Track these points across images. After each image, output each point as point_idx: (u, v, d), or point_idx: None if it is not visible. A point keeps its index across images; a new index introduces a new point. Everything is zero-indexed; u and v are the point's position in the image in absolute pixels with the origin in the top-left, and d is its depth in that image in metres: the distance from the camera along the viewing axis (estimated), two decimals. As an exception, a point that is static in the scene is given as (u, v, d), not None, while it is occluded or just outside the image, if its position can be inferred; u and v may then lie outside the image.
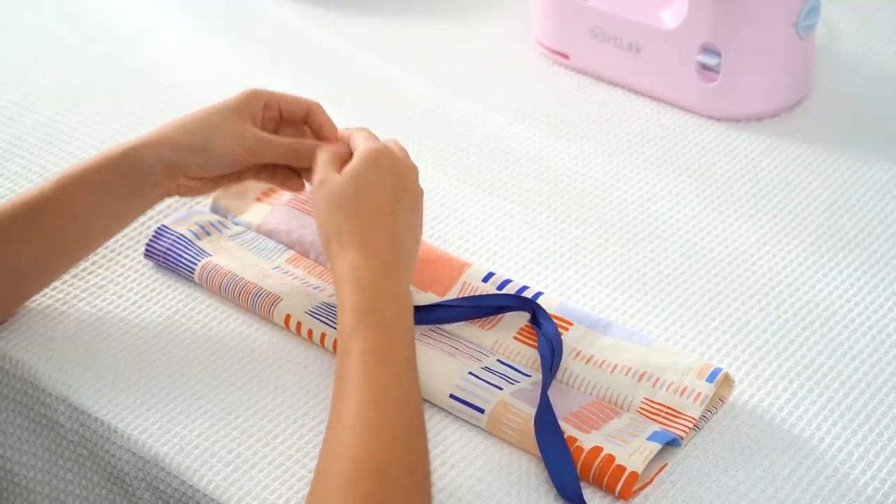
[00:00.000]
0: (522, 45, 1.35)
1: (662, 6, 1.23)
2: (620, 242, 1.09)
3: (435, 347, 0.95)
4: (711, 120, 1.23)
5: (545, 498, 0.86)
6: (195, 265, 1.03)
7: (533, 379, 0.93)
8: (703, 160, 1.19)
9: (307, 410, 0.92)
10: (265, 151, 0.98)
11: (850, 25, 1.37)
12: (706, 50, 1.20)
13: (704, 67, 1.21)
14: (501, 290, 0.99)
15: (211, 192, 1.04)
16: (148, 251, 1.06)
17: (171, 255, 1.04)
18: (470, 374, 0.92)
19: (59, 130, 1.23)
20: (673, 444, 0.88)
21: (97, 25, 1.42)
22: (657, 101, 1.26)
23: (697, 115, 1.24)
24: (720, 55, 1.19)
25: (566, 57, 1.31)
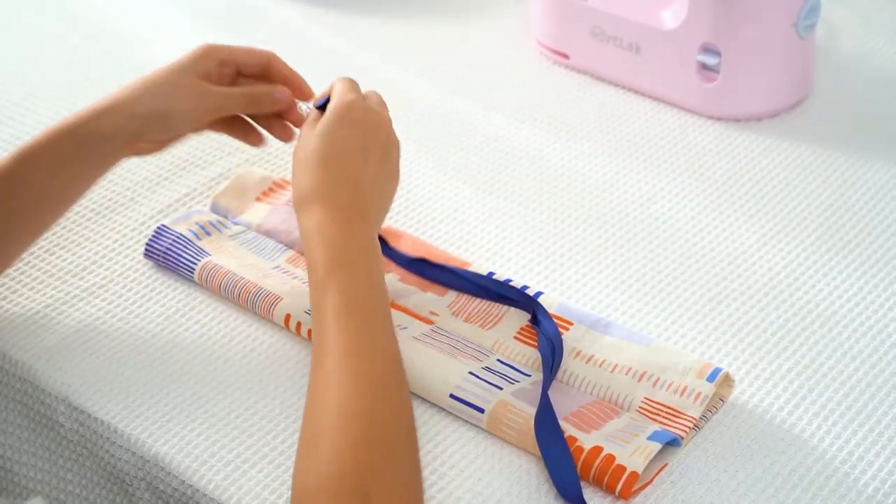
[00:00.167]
0: (522, 45, 1.35)
1: (662, 6, 1.23)
2: (620, 242, 1.09)
3: (435, 348, 0.95)
4: (711, 120, 1.23)
5: (545, 498, 0.86)
6: (195, 265, 1.03)
7: (533, 379, 0.93)
8: (703, 160, 1.19)
9: (307, 410, 0.93)
10: (224, 106, 0.99)
11: (850, 25, 1.37)
12: (706, 50, 1.20)
13: (704, 67, 1.21)
14: None
15: (166, 148, 1.03)
16: (148, 251, 1.06)
17: (170, 254, 1.04)
18: (470, 373, 0.92)
19: (59, 130, 1.23)
20: (673, 443, 0.88)
21: (97, 25, 1.42)
22: (657, 101, 1.26)
23: (697, 115, 1.24)
24: (720, 55, 1.19)
25: (566, 57, 1.31)
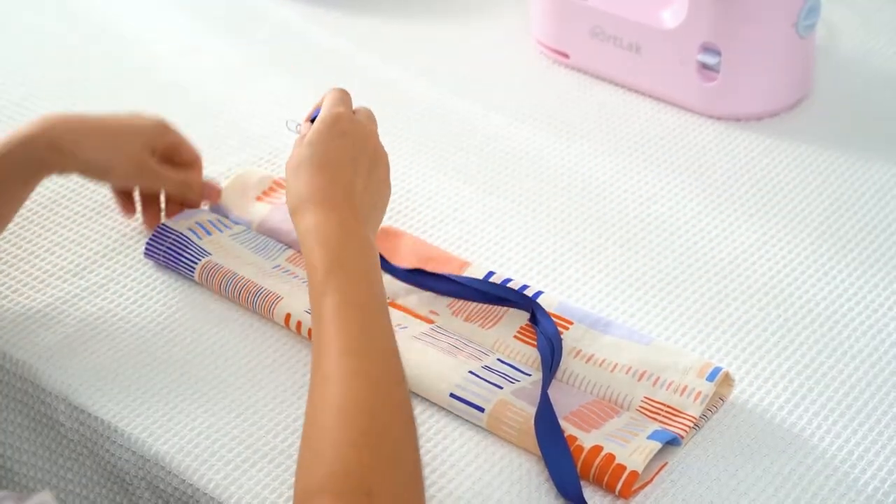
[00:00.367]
0: (522, 45, 1.35)
1: (662, 6, 1.23)
2: (620, 242, 1.09)
3: (435, 347, 0.95)
4: (711, 119, 1.23)
5: (545, 498, 0.86)
6: (195, 264, 1.03)
7: (533, 378, 0.93)
8: (703, 160, 1.19)
9: (307, 409, 0.93)
10: (157, 183, 1.08)
11: (850, 25, 1.37)
12: (706, 49, 1.20)
13: (704, 67, 1.21)
14: None
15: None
16: (148, 250, 1.06)
17: (171, 254, 1.04)
18: (470, 372, 0.92)
19: (59, 130, 1.23)
20: (673, 443, 0.88)
21: (97, 25, 1.42)
22: (657, 100, 1.26)
23: (697, 114, 1.24)
24: (720, 55, 1.19)
25: (566, 56, 1.31)
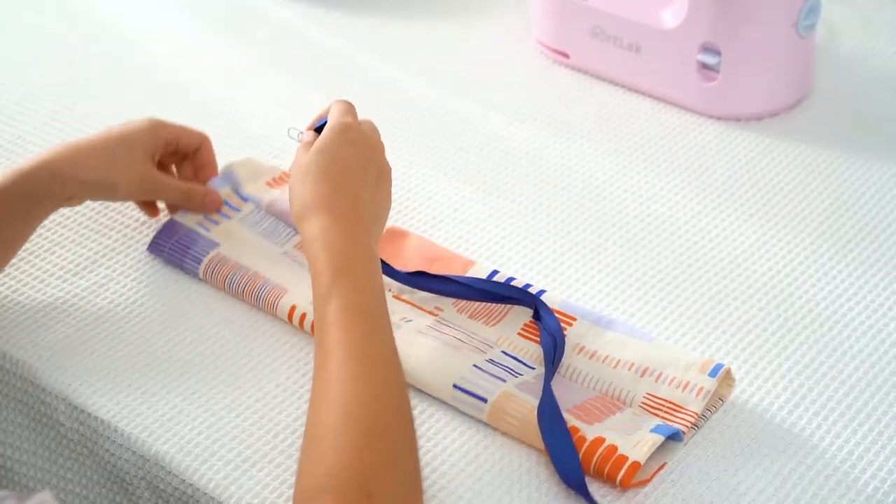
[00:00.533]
0: (522, 45, 1.35)
1: (662, 6, 1.23)
2: (620, 242, 1.09)
3: (440, 341, 0.95)
4: (711, 119, 1.23)
5: (546, 496, 0.86)
6: (202, 258, 1.03)
7: (536, 372, 0.93)
8: (703, 160, 1.19)
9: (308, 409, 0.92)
10: (161, 194, 1.07)
11: (850, 25, 1.37)
12: (706, 49, 1.20)
13: (704, 67, 1.21)
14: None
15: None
16: (154, 245, 1.06)
17: (177, 249, 1.04)
18: (474, 366, 0.93)
19: (59, 130, 1.23)
20: (675, 437, 0.88)
21: (97, 25, 1.42)
22: (657, 100, 1.26)
23: (697, 114, 1.24)
24: (720, 55, 1.19)
25: (566, 56, 1.31)
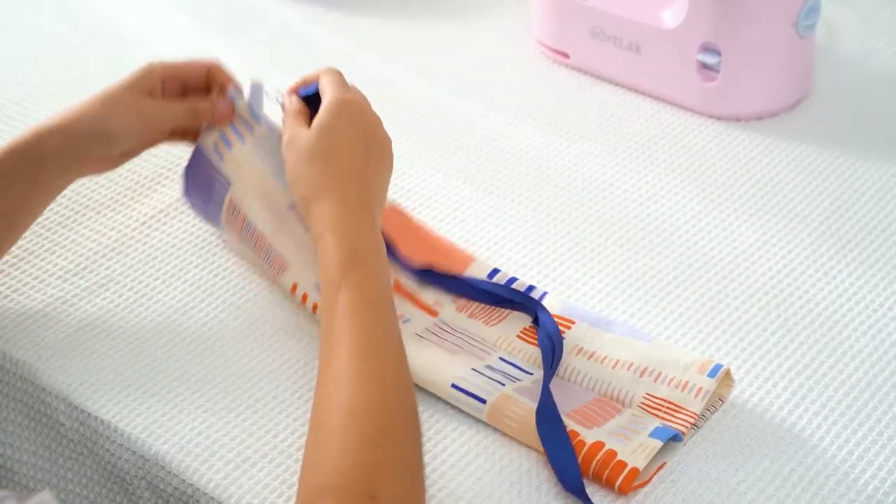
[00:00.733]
0: (522, 44, 1.35)
1: (662, 6, 1.23)
2: (620, 242, 1.09)
3: (438, 345, 0.95)
4: (711, 119, 1.23)
5: (546, 497, 0.86)
6: (221, 206, 1.01)
7: (535, 377, 0.93)
8: (703, 160, 1.19)
9: (308, 409, 0.92)
10: (165, 122, 1.01)
11: (850, 25, 1.37)
12: (706, 49, 1.20)
13: (704, 67, 1.21)
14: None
15: (120, 165, 1.05)
16: (186, 191, 1.04)
17: (201, 194, 1.03)
18: (473, 369, 0.93)
19: (59, 130, 1.23)
20: (674, 439, 0.88)
21: (97, 25, 1.42)
22: (657, 100, 1.26)
23: (697, 114, 1.24)
24: (720, 55, 1.19)
25: (566, 56, 1.31)
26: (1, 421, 1.00)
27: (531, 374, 0.94)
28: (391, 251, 1.00)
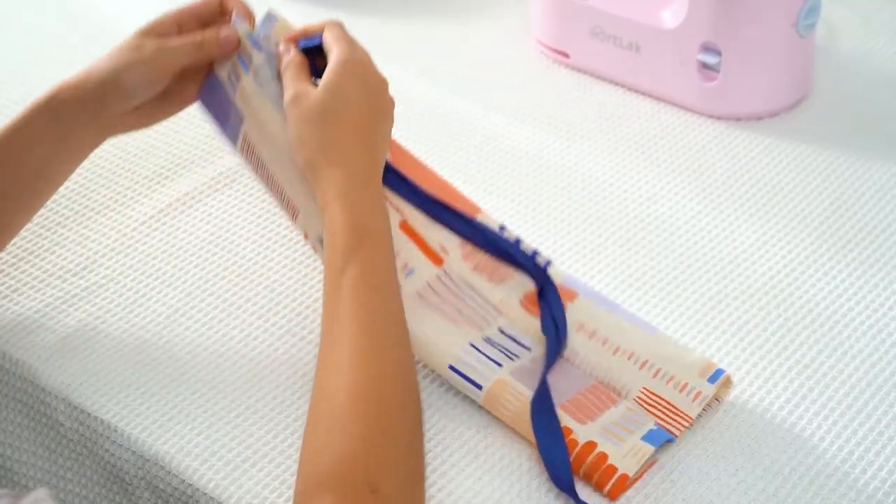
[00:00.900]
0: (522, 44, 1.35)
1: (662, 6, 1.23)
2: (620, 242, 1.09)
3: (439, 311, 0.94)
4: (711, 119, 1.23)
5: (545, 497, 0.86)
6: (237, 138, 0.99)
7: (533, 355, 0.93)
8: (703, 160, 1.19)
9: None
10: (171, 57, 0.97)
11: (850, 25, 1.37)
12: (706, 49, 1.20)
13: (704, 66, 1.21)
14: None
15: (150, 124, 1.02)
16: (202, 101, 1.02)
17: (219, 116, 1.00)
18: (471, 345, 0.92)
19: (59, 130, 1.22)
20: (668, 442, 0.88)
21: (97, 25, 1.42)
22: (657, 100, 1.26)
23: (697, 114, 1.24)
24: (720, 54, 1.19)
25: (566, 56, 1.31)
26: (1, 421, 1.00)
27: (529, 349, 0.93)
28: (404, 180, 0.98)
